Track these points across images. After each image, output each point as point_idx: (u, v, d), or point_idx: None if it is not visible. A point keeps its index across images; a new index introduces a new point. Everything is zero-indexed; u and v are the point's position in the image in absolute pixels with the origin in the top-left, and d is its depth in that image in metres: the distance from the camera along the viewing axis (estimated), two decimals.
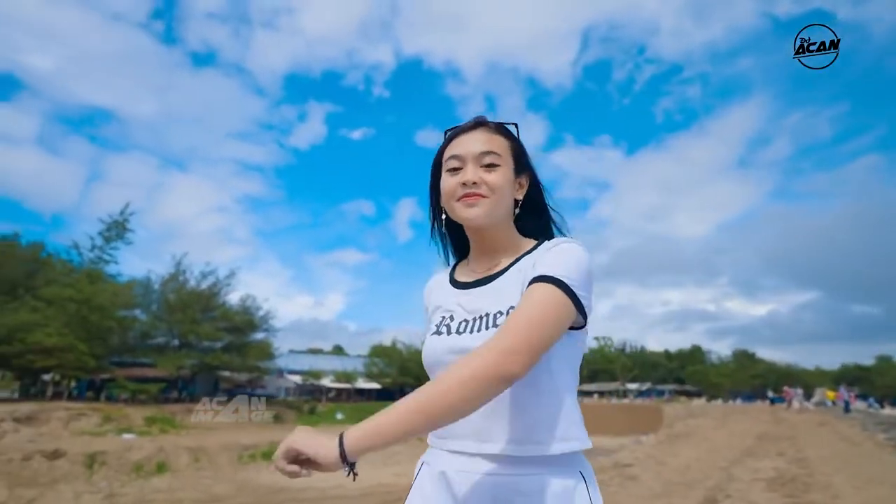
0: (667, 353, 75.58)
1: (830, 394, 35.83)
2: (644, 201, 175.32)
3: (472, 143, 0.94)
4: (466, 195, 0.92)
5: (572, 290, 0.82)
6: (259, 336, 29.16)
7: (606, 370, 67.30)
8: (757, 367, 66.28)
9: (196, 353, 25.88)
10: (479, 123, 0.98)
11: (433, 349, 0.96)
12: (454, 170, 0.95)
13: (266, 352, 28.80)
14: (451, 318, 0.97)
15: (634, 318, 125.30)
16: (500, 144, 0.96)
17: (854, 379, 59.45)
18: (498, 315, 0.89)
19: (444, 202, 0.98)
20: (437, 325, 0.99)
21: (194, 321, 25.41)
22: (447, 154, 0.97)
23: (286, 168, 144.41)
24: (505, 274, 0.94)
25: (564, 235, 1.02)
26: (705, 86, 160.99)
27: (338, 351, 63.31)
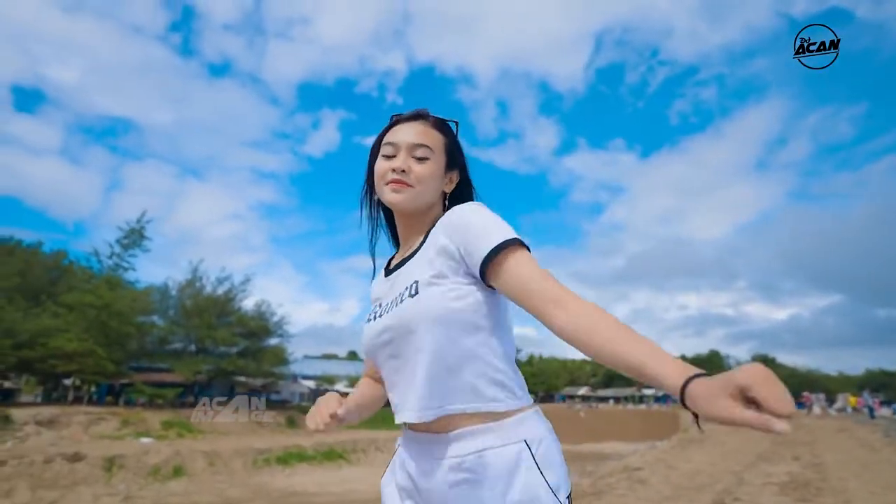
0: (684, 359, 74.09)
1: (852, 399, 35.03)
2: (659, 204, 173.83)
3: (408, 134, 1.01)
4: (394, 181, 0.99)
5: (524, 242, 0.89)
6: (274, 341, 29.35)
7: (622, 375, 66.50)
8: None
9: (212, 359, 26.15)
10: (419, 115, 1.05)
11: (365, 336, 1.03)
12: (388, 156, 1.02)
13: (281, 357, 28.96)
14: (380, 305, 1.03)
15: (651, 322, 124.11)
16: (434, 139, 1.03)
17: (879, 385, 57.93)
18: (404, 292, 0.95)
19: (375, 184, 1.05)
20: (368, 316, 1.06)
21: (210, 326, 25.70)
22: (385, 140, 1.04)
23: (300, 175, 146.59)
24: (418, 253, 1.00)
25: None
26: (721, 87, 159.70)
27: (352, 356, 63.32)
